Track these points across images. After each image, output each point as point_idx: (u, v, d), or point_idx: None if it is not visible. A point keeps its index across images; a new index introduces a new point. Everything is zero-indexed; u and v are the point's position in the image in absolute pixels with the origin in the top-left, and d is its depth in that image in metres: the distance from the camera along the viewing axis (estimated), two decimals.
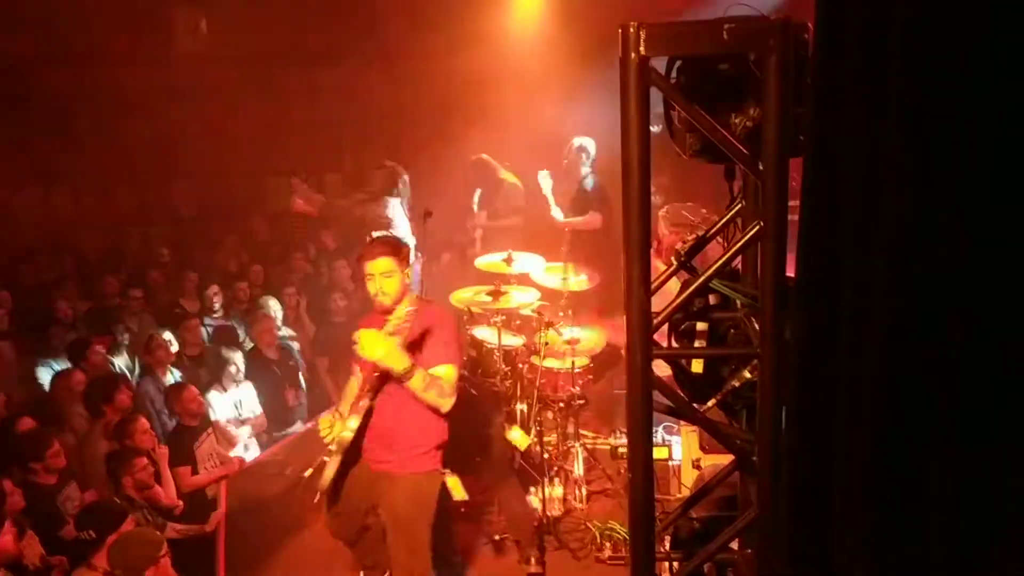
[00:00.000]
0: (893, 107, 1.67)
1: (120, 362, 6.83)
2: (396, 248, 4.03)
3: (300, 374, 7.35)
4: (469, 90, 8.87)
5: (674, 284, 3.18)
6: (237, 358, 6.64)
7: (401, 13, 9.48)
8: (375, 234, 6.28)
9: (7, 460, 4.99)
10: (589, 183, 7.30)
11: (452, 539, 5.13)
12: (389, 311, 3.96)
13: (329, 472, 3.89)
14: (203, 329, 7.30)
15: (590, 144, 7.32)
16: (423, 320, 4.00)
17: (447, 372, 3.95)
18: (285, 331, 7.65)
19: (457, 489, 4.43)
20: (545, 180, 7.19)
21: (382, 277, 3.94)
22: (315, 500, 4.00)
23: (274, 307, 7.65)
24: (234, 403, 6.58)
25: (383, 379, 3.96)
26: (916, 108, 1.64)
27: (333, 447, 3.92)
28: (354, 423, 3.89)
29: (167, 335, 6.89)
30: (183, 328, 7.06)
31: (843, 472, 1.90)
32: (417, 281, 6.18)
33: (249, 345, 7.21)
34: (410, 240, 7.00)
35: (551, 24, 8.89)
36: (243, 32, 9.48)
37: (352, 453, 4.02)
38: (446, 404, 3.97)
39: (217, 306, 7.75)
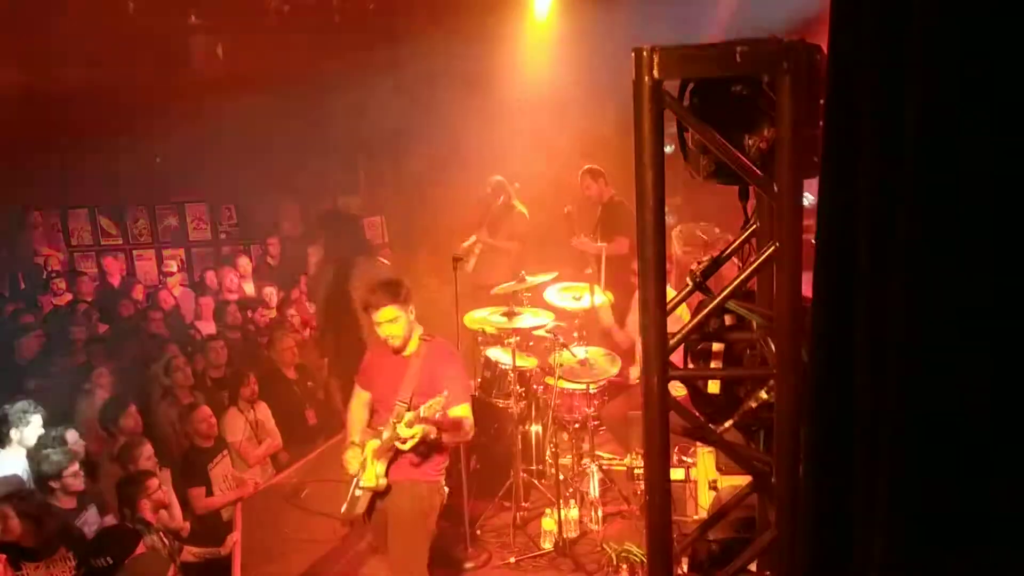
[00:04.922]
0: (909, 124, 1.66)
1: None
2: (396, 293, 4.33)
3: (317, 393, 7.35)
4: (482, 111, 8.91)
5: (683, 308, 3.18)
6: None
7: (414, 35, 9.55)
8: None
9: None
10: (613, 206, 7.30)
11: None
12: (401, 349, 4.38)
13: (361, 505, 4.33)
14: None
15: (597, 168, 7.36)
16: (431, 358, 4.37)
17: (466, 411, 4.31)
18: None
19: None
20: (570, 216, 7.21)
21: (389, 324, 4.30)
22: (350, 522, 4.56)
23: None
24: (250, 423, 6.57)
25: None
26: (933, 124, 1.63)
27: (363, 484, 4.28)
28: (381, 468, 4.26)
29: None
30: (209, 350, 7.07)
31: (861, 496, 1.88)
32: None
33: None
34: None
35: (566, 46, 8.92)
36: (258, 58, 9.59)
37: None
38: (469, 436, 4.42)
39: (235, 325, 7.80)
